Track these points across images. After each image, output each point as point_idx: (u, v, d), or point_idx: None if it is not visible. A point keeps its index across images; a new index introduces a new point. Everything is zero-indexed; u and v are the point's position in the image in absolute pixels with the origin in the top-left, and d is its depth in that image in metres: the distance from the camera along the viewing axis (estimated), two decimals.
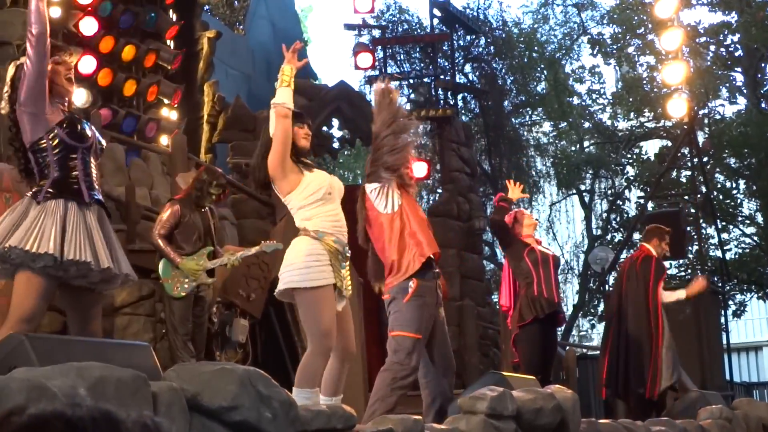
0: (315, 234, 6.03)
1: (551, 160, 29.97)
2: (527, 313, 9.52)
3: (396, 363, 6.67)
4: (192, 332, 9.30)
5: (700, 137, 24.42)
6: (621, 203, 29.18)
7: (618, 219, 28.96)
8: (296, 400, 5.66)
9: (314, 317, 5.95)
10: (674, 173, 25.19)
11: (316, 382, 5.88)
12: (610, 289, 23.33)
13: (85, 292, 5.56)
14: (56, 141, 5.43)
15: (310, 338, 5.95)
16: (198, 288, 9.29)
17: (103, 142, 5.83)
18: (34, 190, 5.47)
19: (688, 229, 16.21)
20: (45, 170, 5.43)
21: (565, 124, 30.23)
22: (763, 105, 26.94)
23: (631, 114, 28.99)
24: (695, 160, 19.42)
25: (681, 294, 11.03)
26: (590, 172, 29.65)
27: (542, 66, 29.91)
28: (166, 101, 14.99)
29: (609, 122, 30.23)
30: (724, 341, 17.63)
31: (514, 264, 9.83)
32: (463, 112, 25.79)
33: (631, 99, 28.55)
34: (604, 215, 29.65)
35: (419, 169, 17.16)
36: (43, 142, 5.43)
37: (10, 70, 5.70)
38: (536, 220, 10.43)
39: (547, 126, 31.25)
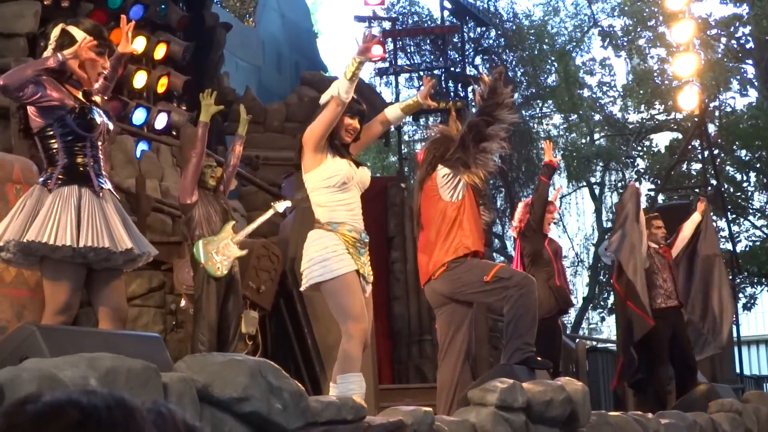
0: (328, 226, 6.00)
1: (561, 152, 29.91)
2: (551, 306, 9.47)
3: (512, 287, 6.66)
4: (221, 325, 9.20)
5: (711, 130, 24.38)
6: None
7: None
8: (343, 388, 5.67)
9: (342, 304, 5.93)
10: (685, 166, 25.15)
11: (358, 366, 5.86)
12: None
13: (108, 271, 5.53)
14: (65, 129, 5.38)
15: (343, 326, 5.93)
16: (231, 271, 9.21)
17: (111, 125, 5.75)
18: (43, 176, 5.42)
19: None
20: (54, 157, 5.38)
21: (576, 116, 30.19)
22: None
23: (642, 106, 28.94)
24: (706, 152, 19.37)
25: (695, 218, 11.08)
26: (600, 164, 29.63)
27: (553, 58, 29.88)
28: (176, 93, 15.01)
29: (619, 115, 30.19)
30: (735, 334, 17.60)
31: (533, 254, 9.71)
32: (473, 104, 25.74)
33: (641, 91, 28.50)
34: (615, 208, 29.59)
35: None
36: (50, 129, 5.38)
37: (55, 32, 5.58)
38: (559, 210, 10.39)
39: (557, 118, 31.23)
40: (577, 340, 17.27)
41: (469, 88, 23.61)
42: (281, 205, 9.83)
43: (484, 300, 7.03)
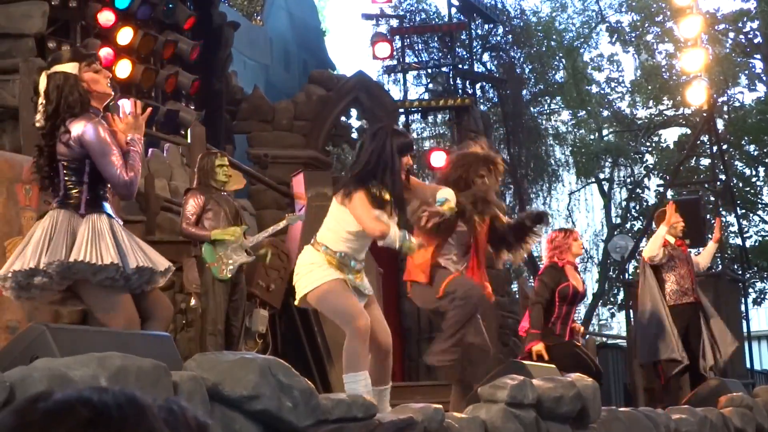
0: (324, 250, 5.98)
1: (570, 148, 29.91)
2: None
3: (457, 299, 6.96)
4: (228, 323, 9.23)
5: (720, 125, 24.33)
6: (640, 191, 29.11)
7: (637, 207, 28.91)
8: (348, 386, 5.69)
9: (334, 306, 5.95)
10: (693, 161, 25.11)
11: (362, 365, 5.86)
12: (630, 277, 23.34)
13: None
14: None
15: (343, 326, 5.95)
16: (236, 275, 9.23)
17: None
18: (69, 201, 5.34)
19: (708, 216, 16.13)
20: (78, 185, 5.33)
21: (584, 112, 30.15)
22: None
23: (650, 102, 28.91)
24: (714, 147, 19.35)
25: (711, 247, 11.09)
26: (609, 160, 29.59)
27: (560, 54, 29.83)
28: (184, 92, 15.02)
29: (628, 110, 30.17)
30: (745, 329, 17.57)
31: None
32: (481, 101, 25.75)
33: (650, 87, 28.48)
34: (624, 203, 29.60)
35: (437, 158, 17.13)
36: (83, 161, 5.34)
37: (42, 82, 5.51)
38: (582, 248, 10.06)
39: (565, 115, 31.20)
40: (587, 336, 17.25)
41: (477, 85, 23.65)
42: (293, 218, 9.96)
43: (437, 316, 7.36)
